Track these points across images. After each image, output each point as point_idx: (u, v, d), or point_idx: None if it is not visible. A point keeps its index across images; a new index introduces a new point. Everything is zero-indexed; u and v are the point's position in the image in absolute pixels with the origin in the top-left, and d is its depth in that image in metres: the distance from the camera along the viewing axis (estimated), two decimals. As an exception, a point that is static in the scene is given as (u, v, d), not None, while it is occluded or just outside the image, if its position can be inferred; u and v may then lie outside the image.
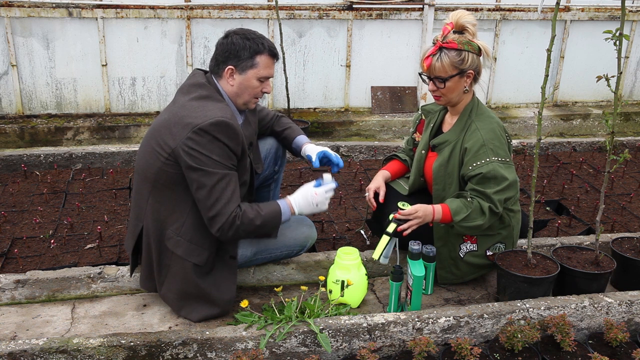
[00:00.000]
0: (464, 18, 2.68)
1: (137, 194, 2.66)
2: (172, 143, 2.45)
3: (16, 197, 3.79)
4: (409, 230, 2.68)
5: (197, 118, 2.42)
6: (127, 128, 5.05)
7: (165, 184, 2.53)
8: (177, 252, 2.56)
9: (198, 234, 2.56)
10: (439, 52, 2.66)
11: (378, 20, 5.47)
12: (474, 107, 2.77)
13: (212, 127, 2.40)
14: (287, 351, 2.32)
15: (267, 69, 2.58)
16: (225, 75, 2.56)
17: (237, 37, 2.54)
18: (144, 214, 2.61)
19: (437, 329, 2.42)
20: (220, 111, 2.46)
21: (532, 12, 5.69)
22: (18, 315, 2.67)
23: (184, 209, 2.55)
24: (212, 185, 2.42)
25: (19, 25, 4.86)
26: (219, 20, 5.19)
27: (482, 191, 2.64)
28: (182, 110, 2.49)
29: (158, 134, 2.52)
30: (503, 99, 5.98)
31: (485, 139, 2.67)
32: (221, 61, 2.56)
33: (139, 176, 2.64)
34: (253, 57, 2.53)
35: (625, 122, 5.93)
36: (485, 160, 2.64)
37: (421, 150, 2.95)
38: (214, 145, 2.42)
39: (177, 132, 2.44)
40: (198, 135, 2.40)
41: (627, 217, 3.72)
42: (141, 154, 2.64)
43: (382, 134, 5.44)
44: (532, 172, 2.69)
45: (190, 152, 2.41)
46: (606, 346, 2.42)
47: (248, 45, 2.53)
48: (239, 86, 2.57)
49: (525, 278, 2.61)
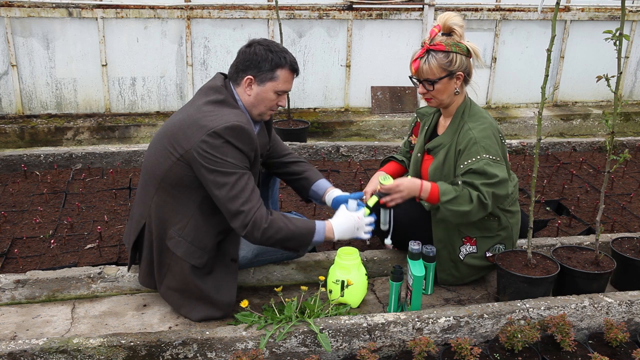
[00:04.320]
0: (451, 20, 2.68)
1: (143, 190, 2.66)
2: (186, 145, 2.45)
3: (16, 197, 3.79)
4: (393, 202, 2.70)
5: (213, 121, 2.43)
6: (127, 128, 5.05)
7: (172, 184, 2.53)
8: (177, 252, 2.56)
9: (200, 237, 2.56)
10: (427, 55, 2.67)
11: (378, 20, 5.47)
12: (466, 108, 2.78)
13: (227, 130, 2.41)
14: (287, 351, 2.32)
15: (286, 84, 2.58)
16: (244, 84, 2.56)
17: (261, 48, 2.53)
18: (148, 211, 2.61)
19: (437, 329, 2.42)
20: (236, 116, 2.47)
21: (532, 12, 5.69)
22: (18, 315, 2.67)
23: (188, 210, 2.55)
24: (231, 184, 2.42)
25: (19, 25, 4.86)
26: (219, 20, 5.19)
27: (470, 182, 2.64)
28: (198, 113, 2.49)
29: (172, 134, 2.52)
30: (503, 99, 5.98)
31: (477, 138, 2.67)
32: (241, 70, 2.55)
33: (146, 173, 2.65)
34: (274, 70, 2.53)
35: (625, 122, 5.94)
36: (477, 157, 2.64)
37: (417, 154, 2.95)
38: (227, 148, 2.42)
39: (191, 135, 2.44)
40: (212, 138, 2.40)
41: (627, 217, 3.71)
42: (151, 152, 2.64)
43: (382, 134, 5.44)
44: (532, 172, 2.69)
45: (204, 155, 2.41)
46: (606, 346, 2.42)
47: (270, 57, 2.52)
48: (256, 97, 2.57)
49: (525, 278, 2.61)
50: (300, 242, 2.56)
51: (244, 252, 2.73)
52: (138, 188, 2.74)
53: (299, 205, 3.75)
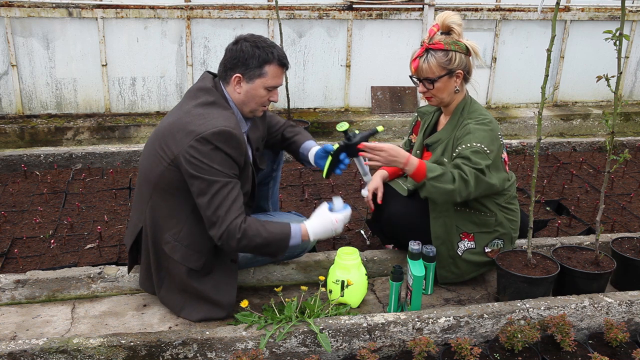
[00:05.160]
0: (450, 19, 2.69)
1: (139, 194, 2.67)
2: (175, 149, 2.44)
3: (16, 197, 3.79)
4: (372, 163, 2.67)
5: (201, 126, 2.40)
6: (127, 128, 5.05)
7: (165, 188, 2.52)
8: (174, 257, 2.55)
9: (196, 240, 2.55)
10: (426, 54, 2.68)
11: (378, 20, 5.47)
12: (465, 105, 2.79)
13: (214, 136, 2.38)
14: (287, 351, 2.32)
15: (276, 79, 2.54)
16: (233, 83, 2.53)
17: (247, 45, 2.49)
18: (144, 215, 2.61)
19: (437, 329, 2.42)
20: (225, 120, 2.44)
21: (532, 12, 5.69)
22: (18, 315, 2.67)
23: (183, 215, 2.54)
24: (212, 193, 2.39)
25: (19, 25, 4.86)
26: (219, 20, 5.19)
27: (455, 164, 2.64)
28: (187, 117, 2.47)
29: (162, 137, 2.51)
30: (503, 99, 5.98)
31: (471, 129, 2.68)
32: (229, 68, 2.52)
33: (141, 177, 2.64)
34: (261, 67, 2.49)
35: (625, 122, 5.93)
36: (466, 145, 2.64)
37: (416, 151, 2.96)
38: (215, 154, 2.39)
39: (180, 139, 2.43)
40: (200, 144, 2.38)
41: (627, 217, 3.72)
42: (145, 156, 2.63)
43: (382, 134, 5.44)
44: (532, 172, 2.69)
45: (191, 160, 2.39)
46: (606, 346, 2.42)
47: (257, 54, 2.48)
48: (246, 94, 2.54)
49: (525, 278, 2.61)
50: (277, 247, 2.52)
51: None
52: (135, 191, 2.73)
53: (299, 205, 3.75)
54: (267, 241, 2.46)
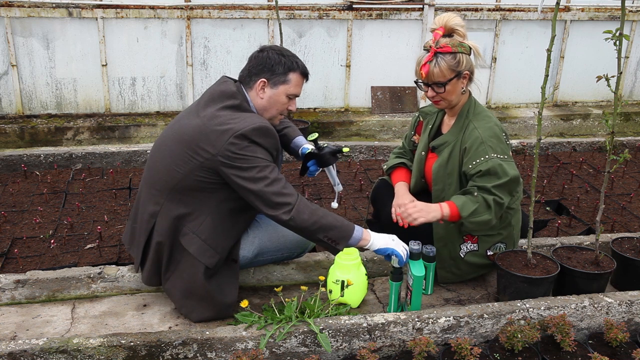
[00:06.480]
0: (452, 21, 2.68)
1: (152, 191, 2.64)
2: (211, 149, 2.47)
3: (16, 197, 3.79)
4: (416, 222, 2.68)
5: (237, 124, 2.47)
6: (127, 128, 5.05)
7: (190, 187, 2.54)
8: (190, 249, 2.57)
9: (214, 236, 2.57)
10: (435, 58, 2.67)
11: (378, 20, 5.47)
12: (470, 107, 2.79)
13: (253, 132, 2.47)
14: (287, 351, 2.32)
15: (297, 87, 2.65)
16: (257, 88, 2.61)
17: (273, 52, 2.61)
18: (160, 209, 2.60)
19: (437, 329, 2.42)
20: (258, 118, 2.54)
21: (532, 12, 5.69)
22: (18, 315, 2.67)
23: (205, 210, 2.57)
24: (267, 175, 2.47)
25: (19, 25, 4.86)
26: (219, 20, 5.19)
27: (483, 186, 2.64)
28: (217, 118, 2.52)
29: (190, 138, 2.52)
30: (503, 99, 5.98)
31: (483, 137, 2.68)
32: (254, 73, 2.61)
33: (157, 176, 2.63)
34: (286, 74, 2.59)
35: (625, 122, 5.93)
36: (485, 157, 2.65)
37: (421, 152, 2.95)
38: (255, 147, 2.48)
39: (215, 139, 2.46)
40: (239, 140, 2.45)
41: (627, 217, 3.72)
42: (162, 155, 2.62)
43: (382, 134, 5.45)
44: (532, 172, 2.69)
45: (234, 156, 2.45)
46: (606, 346, 2.42)
47: (283, 61, 2.59)
48: (269, 100, 2.62)
49: (525, 278, 2.61)
50: (342, 232, 2.57)
51: (244, 252, 2.73)
52: (143, 190, 2.71)
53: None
54: (335, 223, 2.55)
